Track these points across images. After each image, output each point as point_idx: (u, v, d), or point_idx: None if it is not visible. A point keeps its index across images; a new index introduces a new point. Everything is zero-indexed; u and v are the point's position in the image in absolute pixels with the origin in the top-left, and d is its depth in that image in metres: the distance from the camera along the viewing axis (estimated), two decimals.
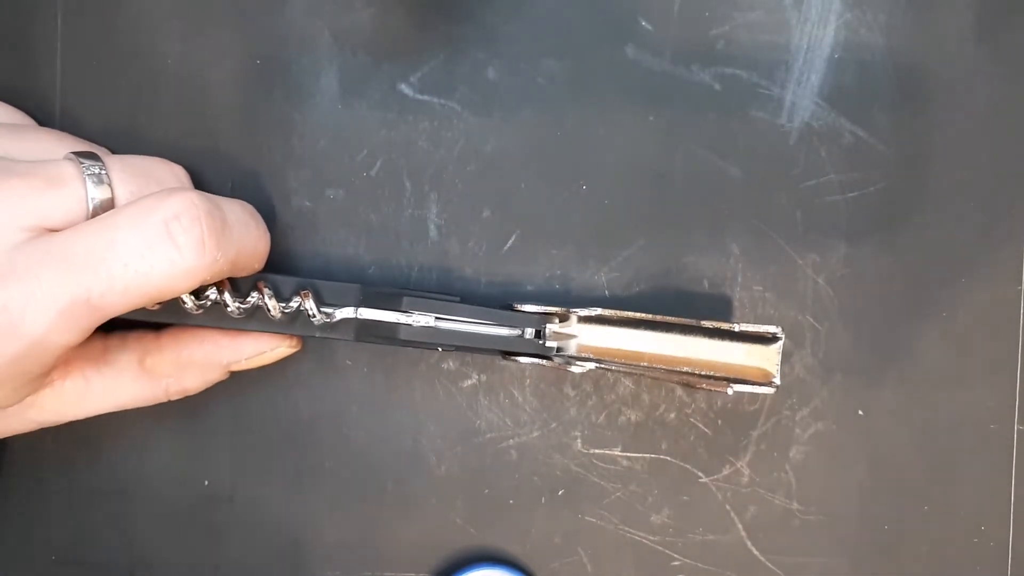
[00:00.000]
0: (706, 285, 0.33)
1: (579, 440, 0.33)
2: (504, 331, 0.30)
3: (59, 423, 0.29)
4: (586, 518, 0.33)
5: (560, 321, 0.30)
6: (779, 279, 0.33)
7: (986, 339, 0.33)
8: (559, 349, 0.30)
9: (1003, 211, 0.33)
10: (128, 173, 0.27)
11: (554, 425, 0.33)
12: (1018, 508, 0.34)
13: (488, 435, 0.33)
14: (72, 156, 0.27)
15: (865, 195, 0.33)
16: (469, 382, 0.33)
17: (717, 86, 0.33)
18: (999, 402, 0.33)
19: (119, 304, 0.25)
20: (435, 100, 0.32)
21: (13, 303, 0.24)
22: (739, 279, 0.33)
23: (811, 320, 0.33)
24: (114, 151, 0.32)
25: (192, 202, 0.26)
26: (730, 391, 0.29)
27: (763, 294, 0.33)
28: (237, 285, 0.29)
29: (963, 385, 0.33)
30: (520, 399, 0.33)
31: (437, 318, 0.29)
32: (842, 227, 0.33)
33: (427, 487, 0.33)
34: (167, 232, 0.25)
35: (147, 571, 0.33)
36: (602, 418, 0.33)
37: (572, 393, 0.33)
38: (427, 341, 0.29)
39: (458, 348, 0.30)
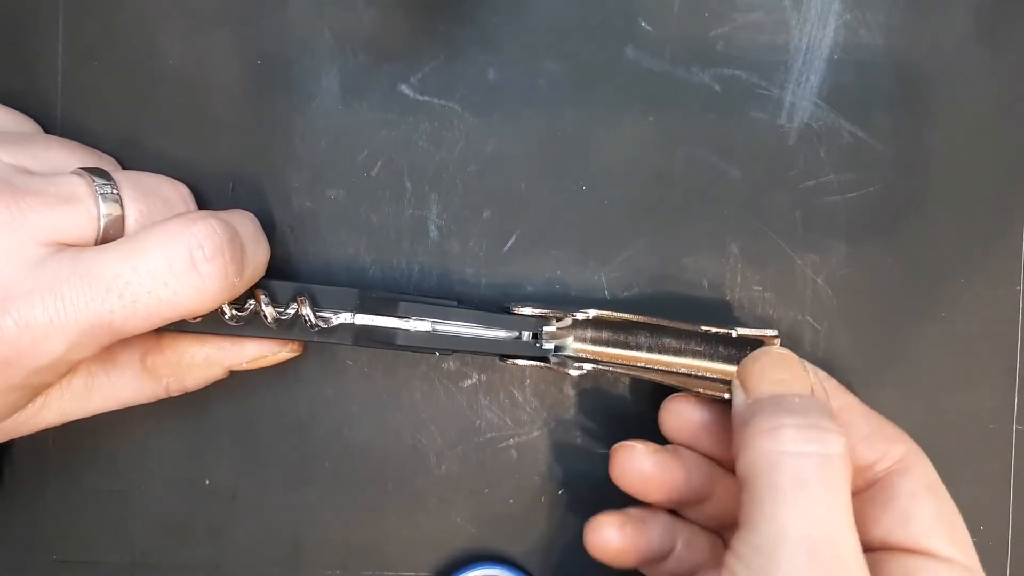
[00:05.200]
0: (706, 285, 0.33)
1: (579, 440, 0.33)
2: (502, 334, 0.30)
3: (63, 423, 0.29)
4: (586, 518, 0.33)
5: (557, 323, 0.30)
6: (778, 279, 0.33)
7: (986, 339, 0.33)
8: (557, 349, 0.30)
9: (1003, 211, 0.33)
10: (138, 192, 0.28)
11: (554, 425, 0.33)
12: (1017, 508, 0.34)
13: (488, 435, 0.33)
14: (83, 172, 0.27)
15: (864, 195, 0.33)
16: (469, 382, 0.33)
17: (717, 87, 0.33)
18: (998, 402, 0.34)
19: (140, 327, 0.26)
20: (435, 101, 0.33)
21: (36, 321, 0.25)
22: (738, 279, 0.33)
23: (810, 320, 0.33)
24: (116, 153, 0.32)
25: (215, 230, 0.27)
26: (727, 396, 0.29)
27: (762, 294, 0.33)
28: None
29: (963, 385, 0.33)
30: (520, 399, 0.33)
31: (434, 323, 0.30)
32: (841, 227, 0.33)
33: (427, 487, 0.33)
34: (191, 261, 0.26)
35: (147, 571, 0.33)
36: (602, 418, 0.33)
37: (572, 393, 0.33)
38: (424, 346, 0.30)
39: (456, 352, 0.30)
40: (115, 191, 0.27)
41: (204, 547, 0.33)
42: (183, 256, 0.26)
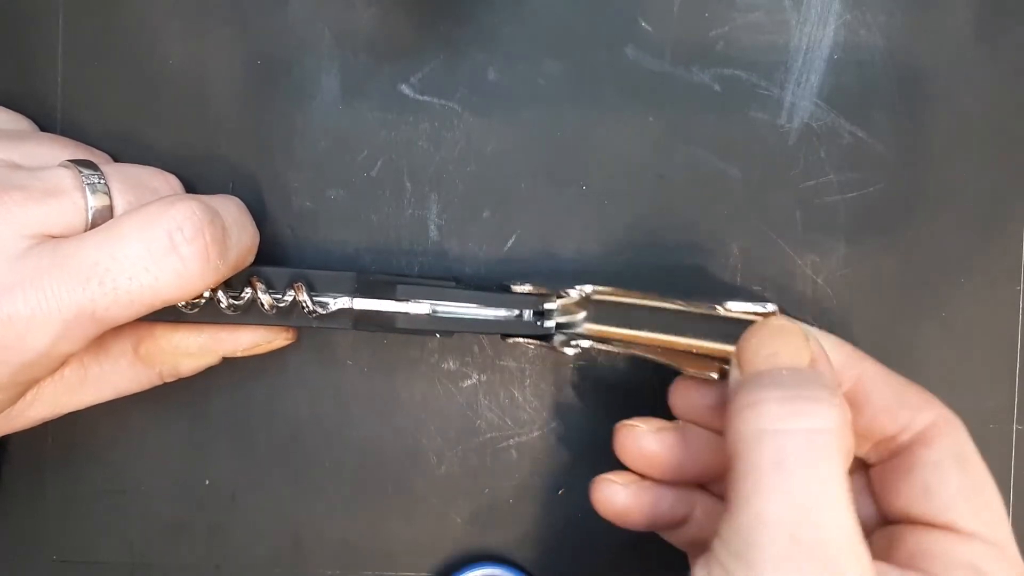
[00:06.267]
0: (706, 285, 0.33)
1: (579, 440, 0.33)
2: (502, 312, 0.30)
3: (58, 415, 0.29)
4: (586, 518, 0.33)
5: (558, 299, 0.30)
6: (779, 279, 0.33)
7: (986, 339, 0.33)
8: (559, 328, 0.30)
9: (1003, 211, 0.33)
10: (126, 183, 0.28)
11: (554, 425, 0.33)
12: (1018, 508, 0.34)
13: (488, 435, 0.33)
14: (70, 164, 0.27)
15: (864, 195, 0.33)
16: (469, 382, 0.33)
17: (717, 87, 0.33)
18: (999, 402, 0.34)
19: (124, 315, 0.26)
20: (435, 101, 0.33)
21: (18, 314, 0.24)
22: (739, 279, 0.33)
23: (810, 320, 0.33)
24: (115, 153, 0.32)
25: (193, 212, 0.26)
26: (715, 376, 0.28)
27: (763, 294, 0.33)
28: (230, 280, 0.29)
29: (963, 385, 0.33)
30: (520, 399, 0.33)
31: (433, 305, 0.29)
32: (841, 227, 0.33)
33: (427, 487, 0.33)
34: (171, 244, 0.26)
35: (147, 571, 0.33)
36: (602, 417, 0.33)
37: (572, 393, 0.33)
38: (425, 328, 0.29)
39: (457, 332, 0.30)
40: (103, 182, 0.27)
41: (204, 547, 0.33)
42: (162, 239, 0.25)
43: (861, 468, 0.29)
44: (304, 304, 0.29)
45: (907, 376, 0.29)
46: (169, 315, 0.28)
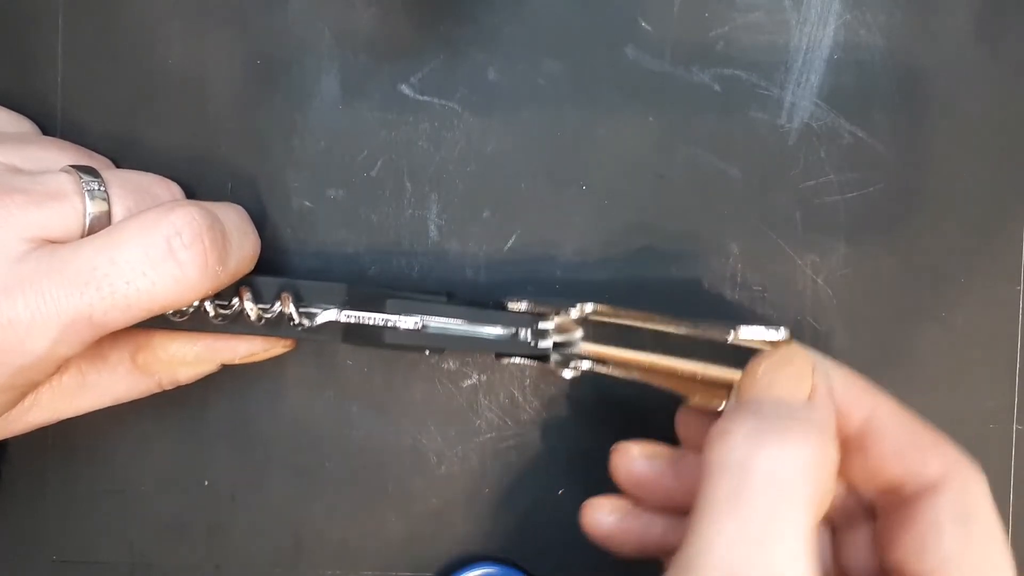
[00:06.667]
0: (706, 285, 0.33)
1: (579, 440, 0.33)
2: (497, 330, 0.29)
3: (56, 421, 0.29)
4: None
5: (557, 317, 0.29)
6: (779, 279, 0.33)
7: (986, 339, 0.33)
8: (557, 347, 0.30)
9: (1003, 211, 0.33)
10: (125, 189, 0.28)
11: (554, 425, 0.33)
12: (1018, 508, 0.34)
13: (488, 435, 0.33)
14: (70, 169, 0.27)
15: (864, 195, 0.33)
16: (469, 382, 0.33)
17: (717, 87, 0.33)
18: (999, 402, 0.34)
19: (122, 320, 0.26)
20: (435, 101, 0.33)
21: (18, 318, 0.25)
22: (739, 279, 0.33)
23: (811, 320, 0.33)
24: (115, 153, 0.32)
25: (193, 217, 0.26)
26: (719, 408, 0.27)
27: (763, 294, 0.33)
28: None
29: (963, 385, 0.33)
30: (520, 399, 0.33)
31: (424, 321, 0.29)
32: (841, 227, 0.33)
33: (427, 487, 0.33)
34: (169, 249, 0.26)
35: (147, 571, 0.33)
36: (602, 417, 0.33)
37: (572, 393, 0.33)
38: (415, 344, 0.29)
39: (448, 350, 0.29)
40: (102, 188, 0.27)
41: (204, 547, 0.33)
42: (160, 244, 0.25)
43: (870, 518, 0.27)
44: (290, 317, 0.28)
45: (907, 376, 0.29)
46: (157, 321, 0.28)
